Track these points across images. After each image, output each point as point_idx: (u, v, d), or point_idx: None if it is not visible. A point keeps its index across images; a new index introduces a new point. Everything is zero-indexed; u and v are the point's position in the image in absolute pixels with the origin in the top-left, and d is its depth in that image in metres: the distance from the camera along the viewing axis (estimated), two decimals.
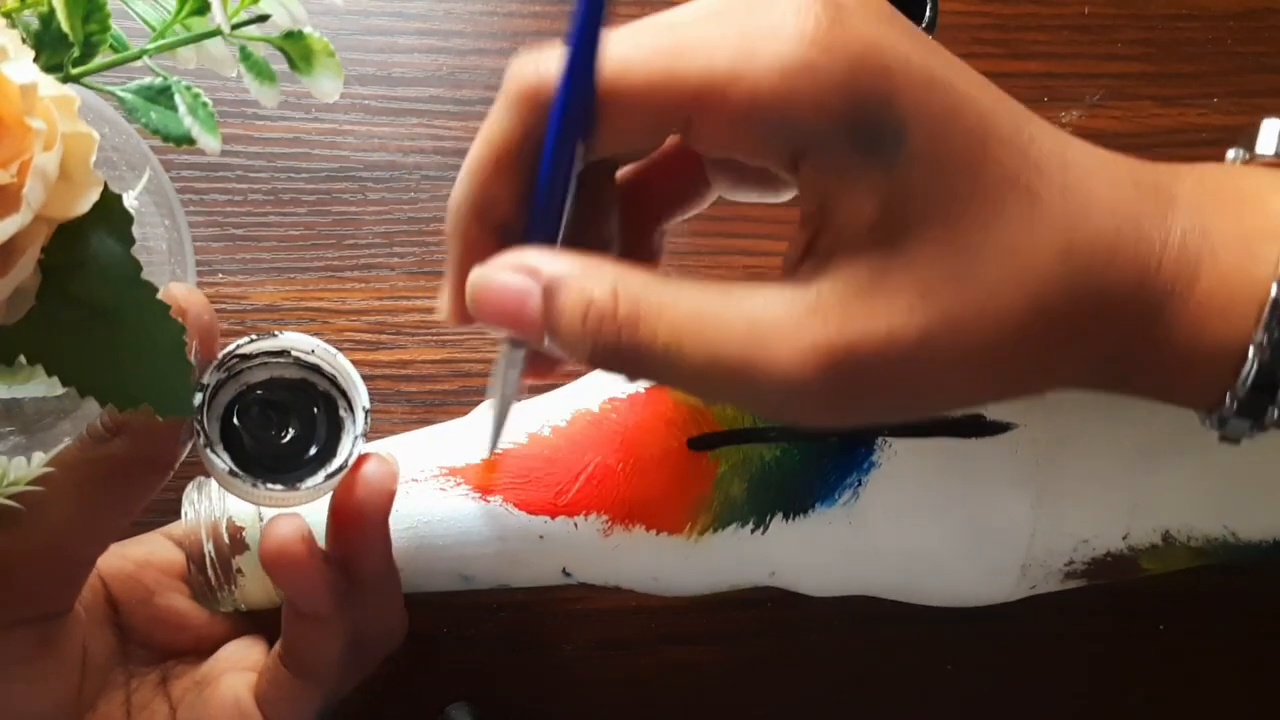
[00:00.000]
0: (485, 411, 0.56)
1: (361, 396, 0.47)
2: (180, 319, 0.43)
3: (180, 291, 0.43)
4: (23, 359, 0.38)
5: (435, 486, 0.51)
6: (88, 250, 0.39)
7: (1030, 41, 0.70)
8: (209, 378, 0.45)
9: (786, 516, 0.50)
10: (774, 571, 0.52)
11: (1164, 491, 0.50)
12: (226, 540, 0.52)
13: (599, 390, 0.52)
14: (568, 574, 0.52)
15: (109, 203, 0.38)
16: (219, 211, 0.64)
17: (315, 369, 0.47)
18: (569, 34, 0.37)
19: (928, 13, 0.62)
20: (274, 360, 0.47)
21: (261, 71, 0.43)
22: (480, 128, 0.40)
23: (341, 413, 0.47)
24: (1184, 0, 0.72)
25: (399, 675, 0.55)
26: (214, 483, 0.53)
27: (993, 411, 0.49)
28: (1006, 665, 0.63)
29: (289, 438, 0.47)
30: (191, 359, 0.44)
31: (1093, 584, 0.53)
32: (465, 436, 0.53)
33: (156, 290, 0.40)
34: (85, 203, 0.36)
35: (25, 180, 0.34)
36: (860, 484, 0.49)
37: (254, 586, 0.52)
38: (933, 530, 0.50)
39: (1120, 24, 0.71)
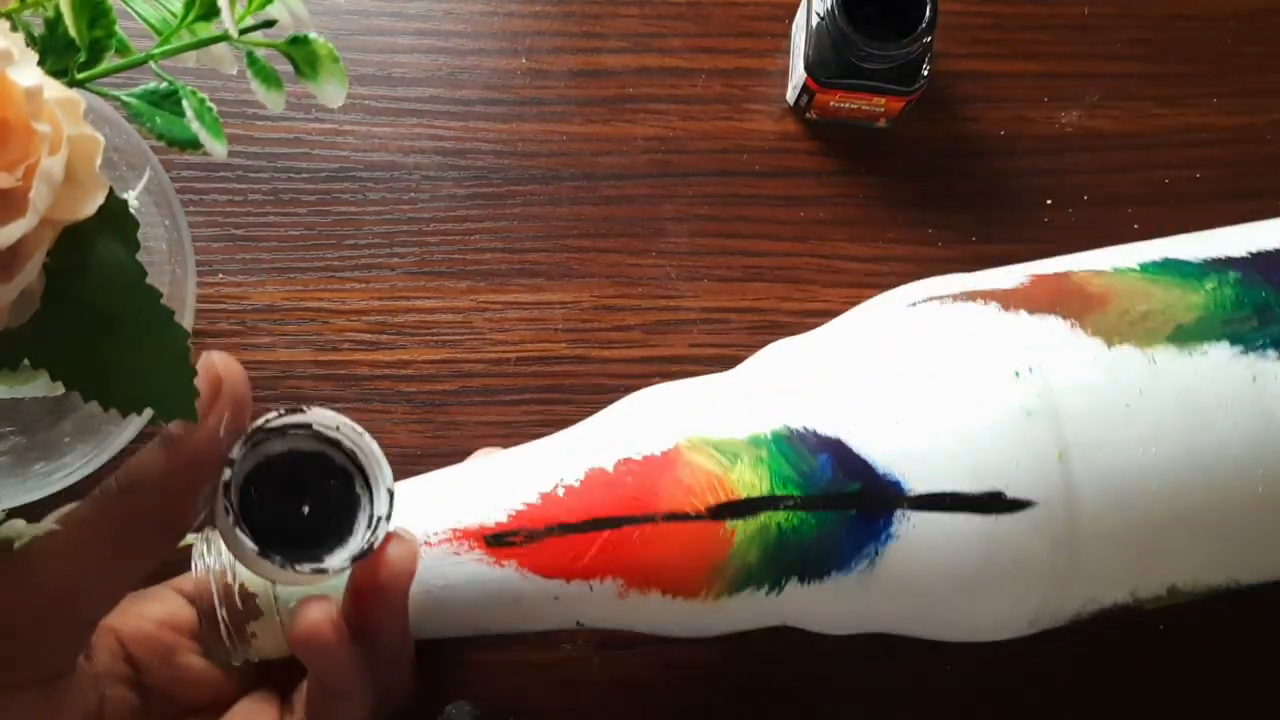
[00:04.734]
0: (483, 457, 0.56)
1: (385, 477, 0.46)
2: (215, 389, 0.43)
3: (219, 360, 0.43)
4: (26, 362, 0.38)
5: (449, 550, 0.51)
6: (92, 254, 0.38)
7: (1030, 41, 0.71)
8: (237, 453, 0.44)
9: (802, 581, 0.50)
10: (785, 621, 0.53)
11: (1175, 557, 0.51)
12: (240, 605, 0.51)
13: (612, 447, 0.52)
14: (581, 625, 0.52)
15: (114, 207, 0.38)
16: (219, 211, 0.64)
17: (334, 443, 0.46)
18: None
19: (928, 13, 0.62)
20: (294, 432, 0.46)
21: (268, 77, 0.43)
22: None
23: (358, 489, 0.46)
24: (1184, 0, 0.72)
25: None
26: (227, 581, 0.52)
27: (1012, 490, 0.49)
28: (1006, 666, 0.62)
29: (301, 512, 0.46)
30: (223, 432, 0.43)
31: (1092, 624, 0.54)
32: (474, 491, 0.52)
33: (160, 295, 0.40)
34: (91, 205, 0.36)
35: (31, 184, 0.34)
36: (877, 554, 0.49)
37: (267, 643, 0.52)
38: (946, 598, 0.50)
39: (1120, 24, 0.71)
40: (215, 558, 0.51)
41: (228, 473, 0.43)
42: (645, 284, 0.66)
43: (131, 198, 0.55)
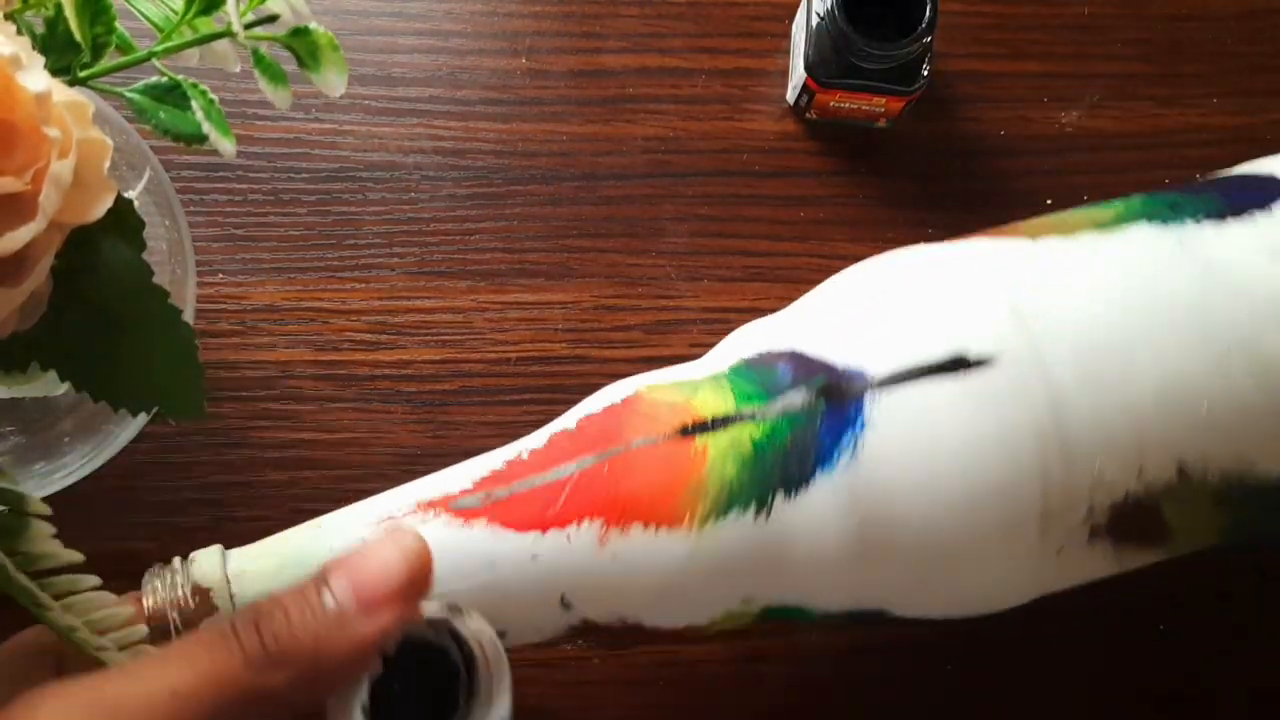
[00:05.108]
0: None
1: (504, 701, 0.42)
2: (414, 579, 0.39)
3: (410, 542, 0.40)
4: (35, 364, 0.38)
5: (415, 521, 0.48)
6: (99, 255, 0.39)
7: (1030, 41, 0.71)
8: (392, 648, 0.40)
9: (788, 492, 0.49)
10: (786, 570, 0.50)
11: (1167, 421, 0.50)
12: (193, 605, 0.46)
13: (574, 414, 0.51)
14: (567, 604, 0.49)
15: (120, 208, 0.38)
16: (219, 211, 0.64)
17: (456, 638, 0.43)
18: None
19: (928, 13, 0.62)
20: (434, 622, 0.43)
21: (274, 74, 0.43)
22: None
23: (459, 693, 0.44)
24: (1184, 0, 0.72)
25: None
26: (176, 563, 0.47)
27: (974, 349, 0.49)
28: (1006, 665, 0.63)
29: (399, 699, 0.43)
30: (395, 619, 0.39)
31: (1119, 552, 0.52)
32: (438, 474, 0.50)
33: (167, 294, 0.40)
34: (100, 209, 0.36)
35: (40, 187, 0.34)
36: (857, 444, 0.48)
37: None
38: (938, 481, 0.48)
39: (1120, 24, 0.71)
40: (170, 588, 0.47)
41: (378, 665, 0.40)
42: (645, 284, 0.66)
43: (132, 198, 0.55)
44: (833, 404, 0.49)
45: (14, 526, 0.40)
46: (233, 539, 0.49)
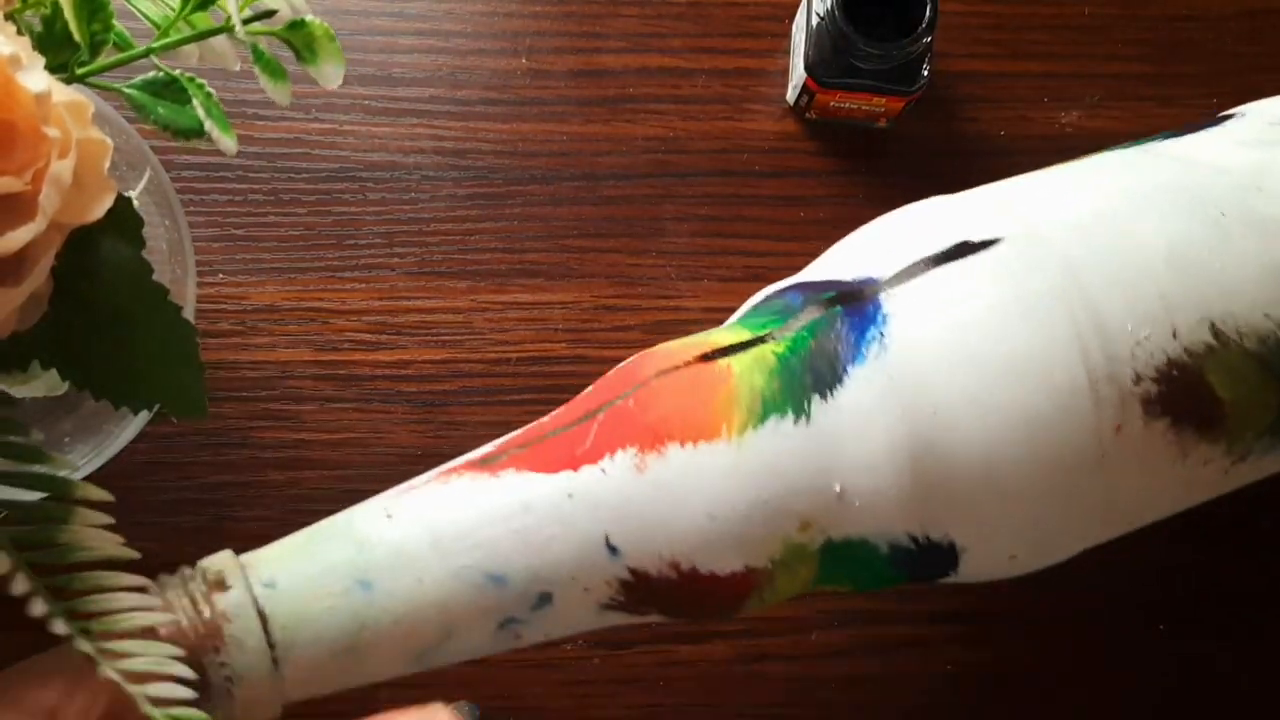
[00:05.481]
0: None
1: None
2: None
3: None
4: (35, 364, 0.38)
5: (438, 485, 0.47)
6: (99, 255, 0.39)
7: (1030, 41, 0.71)
8: None
9: (823, 394, 0.47)
10: (840, 486, 0.47)
11: (1182, 276, 0.50)
12: (204, 585, 0.43)
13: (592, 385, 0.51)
14: (614, 549, 0.46)
15: (119, 207, 0.38)
16: (219, 212, 0.64)
17: None
18: None
19: (928, 13, 0.62)
20: None
21: (274, 70, 0.43)
22: None
23: None
24: (1184, 0, 0.72)
25: (399, 676, 0.55)
26: (184, 570, 0.44)
27: (975, 235, 0.49)
28: (1006, 665, 0.63)
29: None
30: None
31: (1181, 438, 0.50)
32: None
33: (167, 292, 0.40)
34: (99, 209, 0.36)
35: (40, 188, 0.34)
36: (882, 334, 0.47)
37: (249, 650, 0.43)
38: (972, 354, 0.47)
39: (1120, 24, 0.71)
40: (181, 592, 0.43)
41: None
42: (645, 284, 0.66)
43: (132, 198, 0.55)
44: (849, 307, 0.48)
45: (56, 514, 0.39)
46: (233, 539, 0.49)
